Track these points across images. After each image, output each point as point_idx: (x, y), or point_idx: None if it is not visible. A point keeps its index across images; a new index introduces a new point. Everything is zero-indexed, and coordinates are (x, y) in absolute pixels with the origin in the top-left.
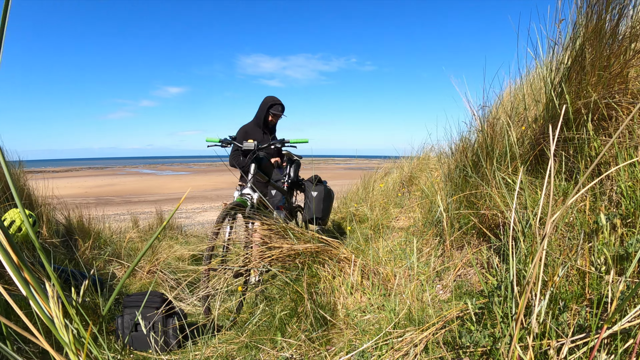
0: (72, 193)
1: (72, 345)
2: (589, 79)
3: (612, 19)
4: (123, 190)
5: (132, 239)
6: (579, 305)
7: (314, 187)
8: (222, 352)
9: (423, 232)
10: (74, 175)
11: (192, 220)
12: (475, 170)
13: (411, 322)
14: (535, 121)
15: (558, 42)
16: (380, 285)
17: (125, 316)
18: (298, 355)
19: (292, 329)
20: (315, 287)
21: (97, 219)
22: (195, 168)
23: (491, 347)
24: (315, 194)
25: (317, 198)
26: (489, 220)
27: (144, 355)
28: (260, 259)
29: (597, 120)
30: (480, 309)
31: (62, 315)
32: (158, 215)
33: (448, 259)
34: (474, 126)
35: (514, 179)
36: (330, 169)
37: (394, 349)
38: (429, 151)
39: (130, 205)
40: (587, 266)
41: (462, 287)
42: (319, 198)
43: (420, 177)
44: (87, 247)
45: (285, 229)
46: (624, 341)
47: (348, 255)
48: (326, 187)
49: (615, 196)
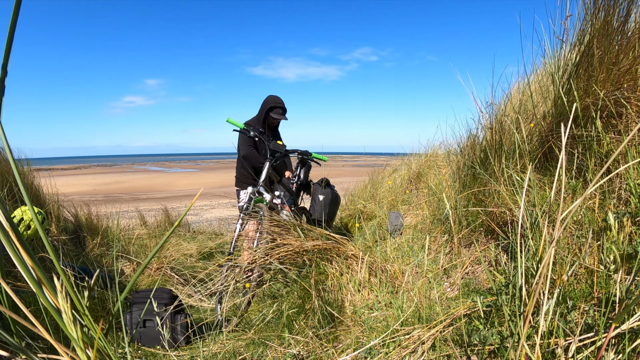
0: (80, 190)
1: (80, 341)
2: (598, 76)
3: (621, 15)
4: (131, 188)
5: (140, 236)
6: (587, 304)
7: (322, 190)
8: (229, 348)
9: (431, 229)
10: (82, 172)
11: (200, 217)
12: (483, 167)
13: (419, 320)
14: (543, 118)
15: (565, 40)
16: (388, 283)
17: (133, 312)
18: (305, 352)
19: (299, 325)
20: (323, 284)
21: (106, 216)
22: (203, 165)
23: (499, 345)
24: (322, 197)
25: (324, 202)
26: (497, 218)
27: (152, 351)
28: (269, 256)
29: (606, 117)
30: (488, 307)
31: (71, 310)
32: (166, 212)
33: (456, 256)
34: (481, 123)
35: (522, 177)
36: (337, 166)
37: (401, 346)
38: (437, 148)
39: (138, 203)
40: (596, 265)
41: (470, 285)
42: (325, 202)
43: (428, 175)
44: (96, 244)
45: (294, 226)
46: (631, 340)
47: (356, 252)
48: (333, 192)
49: (625, 194)
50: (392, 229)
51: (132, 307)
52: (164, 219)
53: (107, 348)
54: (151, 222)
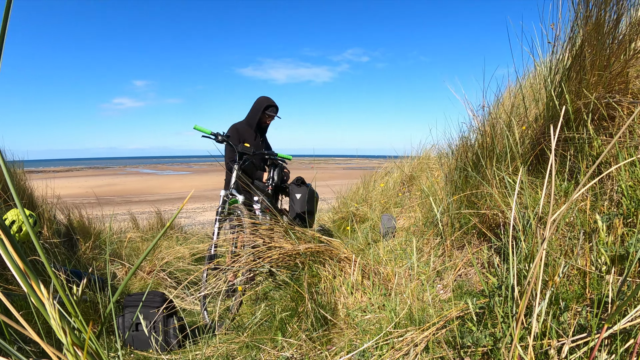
0: (72, 193)
1: (69, 343)
2: (589, 79)
3: (612, 18)
4: (123, 190)
5: (132, 239)
6: (579, 305)
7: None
8: (222, 351)
9: (423, 231)
10: (74, 175)
11: (193, 220)
12: (475, 170)
13: (412, 322)
14: (535, 121)
15: (557, 43)
16: (381, 285)
17: (125, 316)
18: (299, 355)
19: (292, 328)
20: (316, 287)
21: (98, 219)
22: (195, 168)
23: (492, 347)
24: (299, 195)
25: (301, 199)
26: (490, 220)
27: (145, 355)
28: (261, 259)
29: (598, 119)
30: (481, 309)
31: (59, 313)
32: (158, 215)
33: (449, 258)
34: (473, 126)
35: (514, 179)
36: (330, 169)
37: (395, 348)
38: (430, 151)
39: (130, 205)
40: (588, 266)
41: (462, 287)
42: (302, 199)
43: (420, 177)
44: (88, 247)
45: (286, 229)
46: (624, 341)
47: (348, 254)
48: (310, 189)
49: (616, 196)
50: (385, 231)
51: (125, 310)
52: (156, 222)
53: (99, 350)
54: (143, 225)
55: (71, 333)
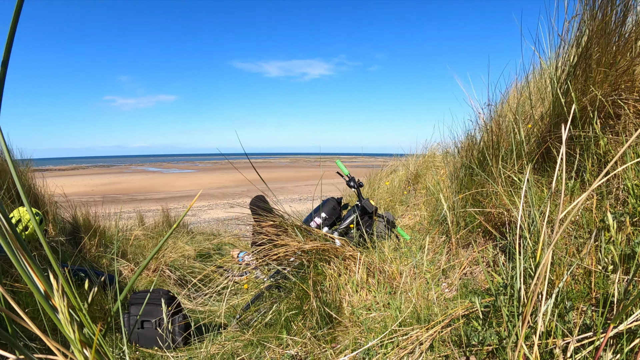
0: (78, 191)
1: (77, 341)
2: (595, 77)
3: (618, 16)
4: (129, 188)
5: (138, 237)
6: (585, 305)
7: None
8: (227, 349)
9: (429, 230)
10: (80, 173)
11: (199, 217)
12: (481, 168)
13: (417, 320)
14: (541, 119)
15: (565, 39)
16: (386, 283)
17: (131, 313)
18: (303, 352)
19: (297, 326)
20: (321, 285)
21: (104, 217)
22: (200, 166)
23: (497, 346)
24: None
25: None
26: (495, 219)
27: (150, 352)
28: (267, 257)
29: (604, 118)
30: (486, 308)
31: (67, 309)
32: (164, 213)
33: (454, 257)
34: (479, 124)
35: (520, 177)
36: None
37: (400, 346)
38: (435, 149)
39: (136, 203)
40: (594, 265)
41: (468, 286)
42: None
43: (426, 175)
44: (94, 244)
45: (292, 228)
46: (629, 340)
47: (353, 253)
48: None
49: (622, 194)
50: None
51: (130, 307)
52: (162, 220)
53: (105, 348)
54: (149, 222)
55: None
